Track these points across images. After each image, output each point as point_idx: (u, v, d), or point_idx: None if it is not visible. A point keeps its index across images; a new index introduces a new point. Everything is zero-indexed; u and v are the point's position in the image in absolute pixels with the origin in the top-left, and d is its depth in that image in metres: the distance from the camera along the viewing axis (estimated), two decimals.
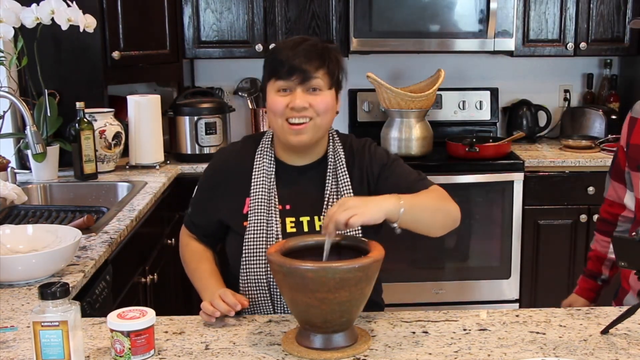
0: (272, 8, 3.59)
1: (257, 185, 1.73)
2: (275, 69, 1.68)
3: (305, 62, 1.66)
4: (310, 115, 1.67)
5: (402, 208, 1.53)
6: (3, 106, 2.89)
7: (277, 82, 1.68)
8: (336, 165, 1.75)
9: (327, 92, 1.70)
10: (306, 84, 1.67)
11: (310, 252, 1.51)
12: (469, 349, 1.45)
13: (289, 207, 1.74)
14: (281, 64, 1.67)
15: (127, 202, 2.64)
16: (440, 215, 1.68)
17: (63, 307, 1.31)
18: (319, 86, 1.68)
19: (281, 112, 1.68)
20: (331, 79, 1.70)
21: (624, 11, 3.67)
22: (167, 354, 1.43)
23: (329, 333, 1.43)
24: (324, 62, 1.68)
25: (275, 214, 1.71)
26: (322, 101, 1.68)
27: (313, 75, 1.66)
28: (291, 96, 1.67)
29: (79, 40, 3.09)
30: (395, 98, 3.48)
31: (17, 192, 2.58)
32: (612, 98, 3.95)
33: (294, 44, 1.69)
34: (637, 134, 1.92)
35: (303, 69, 1.65)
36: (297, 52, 1.66)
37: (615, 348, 1.45)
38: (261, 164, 1.76)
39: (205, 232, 1.85)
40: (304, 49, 1.67)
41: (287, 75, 1.66)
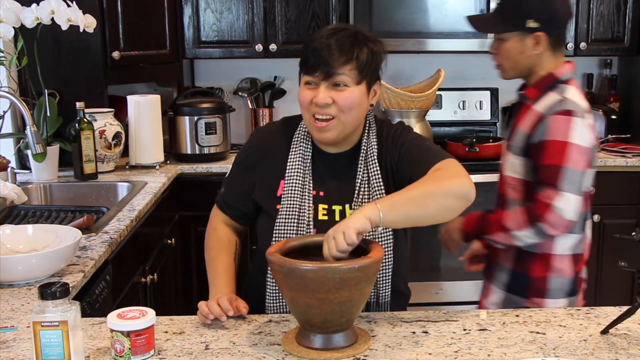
0: (272, 8, 3.59)
1: (293, 169, 1.72)
2: (304, 60, 1.66)
3: (332, 56, 1.61)
4: (333, 113, 1.64)
5: (381, 211, 1.48)
6: (3, 106, 2.89)
7: (305, 75, 1.66)
8: (367, 155, 1.73)
9: (354, 88, 1.64)
10: (330, 80, 1.63)
11: (310, 252, 1.51)
12: (469, 349, 1.45)
13: (322, 194, 1.73)
14: (309, 56, 1.64)
15: (127, 202, 2.64)
16: (432, 201, 1.55)
17: (63, 307, 1.31)
18: (344, 82, 1.63)
19: (306, 106, 1.66)
20: (360, 73, 1.64)
21: (624, 11, 3.67)
22: (167, 354, 1.43)
23: (329, 333, 1.43)
24: (351, 57, 1.62)
25: (308, 199, 1.71)
26: (346, 97, 1.63)
27: (337, 72, 1.62)
28: (316, 91, 1.64)
29: (79, 40, 3.09)
30: (395, 98, 3.48)
31: (17, 192, 2.57)
32: (612, 98, 3.95)
33: (328, 33, 1.64)
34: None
35: (328, 64, 1.61)
36: (326, 45, 1.62)
37: (615, 348, 1.45)
38: (298, 147, 1.74)
39: (239, 213, 1.84)
40: (336, 40, 1.62)
41: (312, 69, 1.63)
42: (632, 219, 3.48)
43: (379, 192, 1.70)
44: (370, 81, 1.68)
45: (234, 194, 1.84)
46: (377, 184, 1.71)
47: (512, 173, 2.04)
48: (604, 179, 3.51)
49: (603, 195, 3.51)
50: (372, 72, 1.68)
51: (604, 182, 3.51)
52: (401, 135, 1.75)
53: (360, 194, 1.71)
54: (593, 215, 3.51)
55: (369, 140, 1.74)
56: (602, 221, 3.53)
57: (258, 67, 3.87)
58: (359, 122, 1.72)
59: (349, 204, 1.72)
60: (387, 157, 1.73)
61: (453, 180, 1.59)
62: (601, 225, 3.53)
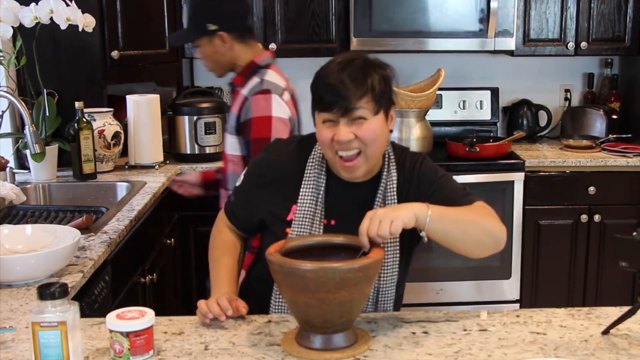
0: (272, 8, 3.59)
1: (306, 195, 1.69)
2: (319, 98, 1.62)
3: (348, 91, 1.57)
4: (357, 147, 1.61)
5: (429, 216, 1.50)
6: (2, 106, 2.88)
7: (322, 113, 1.62)
8: (387, 187, 1.69)
9: (373, 119, 1.61)
10: (349, 116, 1.59)
11: (310, 252, 1.50)
12: (470, 350, 1.44)
13: (334, 223, 1.70)
14: (323, 94, 1.60)
15: (126, 202, 2.63)
16: (474, 230, 1.59)
17: (62, 308, 1.30)
18: (364, 115, 1.59)
19: (328, 144, 1.62)
20: (377, 103, 1.61)
21: (624, 11, 3.67)
22: (167, 354, 1.43)
23: (328, 333, 1.43)
24: (367, 89, 1.59)
25: (319, 229, 1.68)
26: (368, 130, 1.60)
27: (355, 106, 1.58)
28: (336, 128, 1.60)
29: (78, 40, 3.08)
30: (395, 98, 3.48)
31: (15, 192, 2.57)
32: (612, 98, 3.94)
33: (338, 68, 1.60)
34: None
35: (345, 99, 1.57)
36: (339, 81, 1.58)
37: (616, 348, 1.44)
38: (312, 173, 1.70)
39: (244, 226, 1.83)
40: (348, 75, 1.59)
41: (329, 107, 1.59)
42: (632, 219, 3.47)
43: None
44: (387, 108, 1.66)
45: (243, 207, 1.81)
46: None
47: (232, 151, 2.35)
48: (605, 179, 3.51)
49: (603, 195, 3.51)
50: (387, 98, 1.66)
51: (604, 182, 3.51)
52: (429, 169, 1.74)
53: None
54: (594, 216, 3.51)
55: (389, 172, 1.70)
56: (602, 221, 3.53)
57: None
58: (383, 150, 1.69)
59: None
60: (410, 189, 1.71)
61: (496, 222, 1.64)
62: (601, 225, 3.53)
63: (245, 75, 2.35)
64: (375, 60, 1.67)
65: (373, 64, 1.64)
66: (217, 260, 1.79)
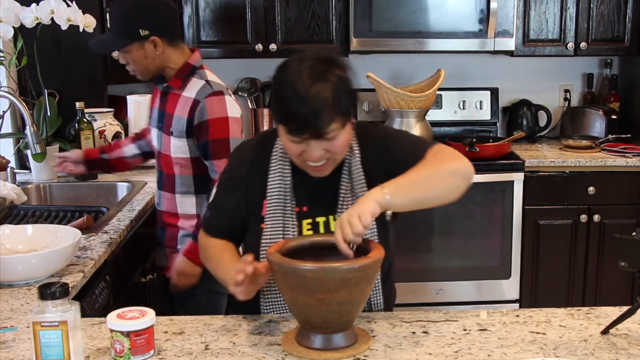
0: (272, 8, 3.59)
1: (274, 189, 1.69)
2: (285, 120, 1.56)
3: (317, 116, 1.51)
4: (328, 157, 1.60)
5: (388, 194, 1.48)
6: (3, 106, 2.89)
7: (289, 135, 1.57)
8: (351, 163, 1.69)
9: (343, 132, 1.58)
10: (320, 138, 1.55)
11: (310, 252, 1.50)
12: (469, 349, 1.45)
13: (306, 209, 1.70)
14: (290, 118, 1.54)
15: (127, 202, 2.64)
16: (438, 181, 1.57)
17: (63, 307, 1.31)
18: (334, 134, 1.55)
19: (297, 157, 1.61)
20: (344, 117, 1.56)
21: (624, 11, 3.67)
22: (167, 354, 1.43)
23: (329, 333, 1.43)
24: (336, 110, 1.53)
25: (292, 217, 1.68)
26: (339, 144, 1.59)
27: (326, 130, 1.53)
28: (305, 145, 1.57)
29: (79, 40, 3.08)
30: (395, 98, 3.48)
31: (16, 192, 2.57)
32: (612, 98, 3.94)
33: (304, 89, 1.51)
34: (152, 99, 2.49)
35: (315, 125, 1.52)
36: (306, 105, 1.51)
37: (616, 348, 1.45)
38: (277, 166, 1.71)
39: (228, 235, 1.78)
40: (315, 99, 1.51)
41: (298, 132, 1.54)
42: (632, 219, 3.48)
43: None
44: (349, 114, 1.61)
45: (219, 215, 1.78)
46: (361, 190, 1.67)
47: (180, 154, 2.34)
48: (604, 179, 3.51)
49: (603, 195, 3.51)
50: (350, 106, 1.60)
51: (604, 182, 3.51)
52: (384, 133, 1.74)
53: (344, 205, 1.68)
54: (593, 216, 3.51)
55: (352, 150, 1.70)
56: (601, 221, 3.53)
57: (258, 67, 3.86)
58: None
59: (332, 215, 1.69)
60: (370, 159, 1.70)
61: (454, 161, 1.61)
62: (601, 225, 3.53)
63: (183, 77, 2.34)
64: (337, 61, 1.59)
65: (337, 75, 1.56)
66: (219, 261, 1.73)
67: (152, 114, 2.46)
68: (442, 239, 3.57)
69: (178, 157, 2.34)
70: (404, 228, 3.51)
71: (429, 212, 3.51)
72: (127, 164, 2.72)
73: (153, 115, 2.46)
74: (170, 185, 2.39)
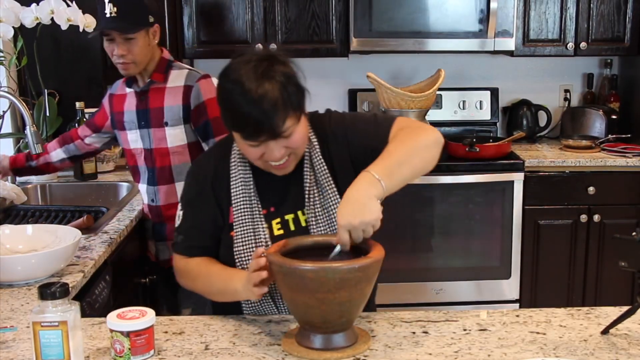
0: (272, 8, 3.59)
1: (238, 194, 1.67)
2: (239, 127, 1.54)
3: (270, 117, 1.49)
4: (289, 153, 1.59)
5: (382, 182, 1.48)
6: (3, 106, 2.89)
7: (245, 140, 1.55)
8: (311, 156, 1.68)
9: (299, 126, 1.57)
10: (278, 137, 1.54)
11: (310, 252, 1.50)
12: (469, 349, 1.45)
13: (273, 209, 1.69)
14: (244, 123, 1.52)
15: (127, 202, 2.64)
16: (419, 156, 1.59)
17: (63, 307, 1.31)
18: (291, 131, 1.54)
19: (257, 160, 1.60)
20: (298, 110, 1.55)
21: (624, 11, 3.67)
22: (167, 354, 1.43)
23: (328, 333, 1.43)
24: (287, 107, 1.52)
25: (260, 220, 1.67)
26: (297, 139, 1.57)
27: (282, 129, 1.52)
28: (264, 147, 1.55)
29: (79, 40, 3.09)
30: (395, 98, 3.48)
31: (16, 192, 2.58)
32: (612, 98, 3.95)
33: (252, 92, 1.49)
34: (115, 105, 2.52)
35: (270, 126, 1.50)
36: (257, 107, 1.49)
37: (616, 348, 1.45)
38: (237, 171, 1.68)
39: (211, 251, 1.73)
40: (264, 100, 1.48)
41: (255, 136, 1.52)
42: (632, 219, 3.48)
43: (330, 191, 1.66)
44: (303, 108, 1.60)
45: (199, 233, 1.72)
46: (328, 182, 1.67)
47: (178, 142, 2.40)
48: (604, 179, 3.51)
49: (603, 195, 3.51)
50: (301, 100, 1.58)
51: (604, 182, 3.51)
52: (337, 121, 1.72)
53: (311, 198, 1.67)
54: (593, 216, 3.51)
55: (310, 144, 1.68)
56: (601, 221, 3.53)
57: None
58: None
59: (300, 210, 1.68)
60: (330, 148, 1.69)
61: (424, 132, 1.64)
62: (601, 225, 3.53)
63: (163, 71, 2.40)
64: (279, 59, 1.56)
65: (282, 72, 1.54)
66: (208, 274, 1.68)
67: (125, 117, 2.47)
68: (442, 239, 3.57)
69: (175, 146, 2.40)
70: (404, 228, 3.51)
71: (429, 212, 3.51)
72: (55, 168, 2.75)
73: (126, 118, 2.46)
74: (167, 177, 2.44)
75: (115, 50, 2.30)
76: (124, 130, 2.49)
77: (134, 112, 2.44)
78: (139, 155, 2.48)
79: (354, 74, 3.89)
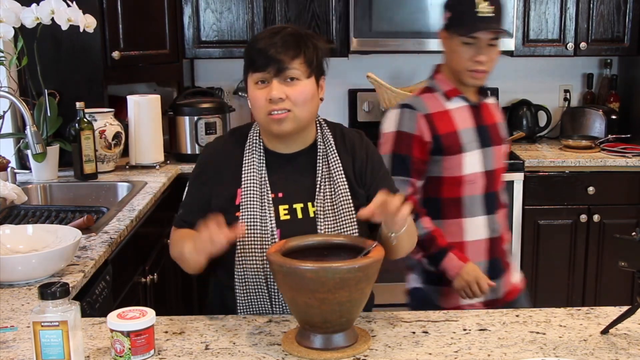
0: (272, 8, 3.59)
1: (248, 175, 1.72)
2: (252, 60, 1.67)
3: (281, 52, 1.63)
4: (288, 107, 1.65)
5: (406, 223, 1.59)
6: (3, 106, 2.89)
7: (255, 74, 1.67)
8: (327, 150, 1.75)
9: (306, 82, 1.66)
10: (282, 75, 1.64)
11: (310, 252, 1.51)
12: (469, 349, 1.45)
13: (281, 195, 1.72)
14: (257, 55, 1.66)
15: (127, 202, 2.64)
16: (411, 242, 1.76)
17: (63, 307, 1.31)
18: (296, 76, 1.65)
19: (261, 104, 1.66)
20: (309, 67, 1.67)
21: (624, 11, 3.67)
22: (167, 354, 1.43)
23: (329, 333, 1.43)
24: (300, 51, 1.65)
25: (268, 202, 1.70)
26: (300, 92, 1.65)
27: (288, 66, 1.64)
28: (269, 88, 1.65)
29: (79, 40, 3.09)
30: (395, 98, 3.48)
31: (17, 192, 2.57)
32: (612, 98, 3.95)
33: (270, 33, 1.68)
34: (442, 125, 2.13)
35: (278, 59, 1.63)
36: (272, 42, 1.64)
37: (616, 348, 1.45)
38: (251, 154, 1.74)
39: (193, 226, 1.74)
40: (281, 38, 1.65)
41: (263, 66, 1.64)
42: (632, 219, 3.48)
43: (342, 186, 1.71)
44: (317, 75, 1.71)
45: (191, 211, 1.79)
46: (340, 177, 1.72)
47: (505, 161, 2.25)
48: (604, 179, 3.52)
49: (602, 195, 3.51)
50: (318, 66, 1.71)
51: (604, 182, 3.51)
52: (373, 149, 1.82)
53: (321, 190, 1.71)
54: (593, 215, 3.52)
55: (324, 137, 1.77)
56: (601, 221, 3.53)
57: None
58: (313, 116, 1.73)
59: (310, 202, 1.71)
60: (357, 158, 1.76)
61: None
62: (601, 225, 3.54)
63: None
64: (307, 31, 1.74)
65: (306, 34, 1.71)
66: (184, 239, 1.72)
67: (462, 136, 2.12)
68: None
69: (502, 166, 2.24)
70: None
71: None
72: None
73: (465, 136, 2.12)
74: (502, 199, 2.24)
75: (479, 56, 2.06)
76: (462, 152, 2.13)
77: (473, 129, 2.15)
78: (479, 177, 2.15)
79: (354, 74, 3.89)
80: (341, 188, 1.71)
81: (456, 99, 2.15)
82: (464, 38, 2.07)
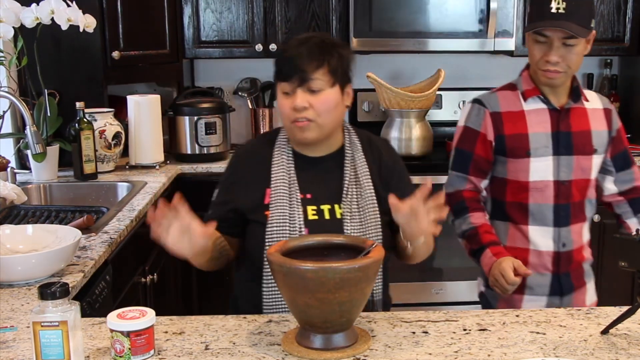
0: (272, 8, 3.59)
1: (278, 176, 1.76)
2: (279, 70, 1.73)
3: (305, 63, 1.69)
4: (311, 117, 1.70)
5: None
6: (3, 106, 2.89)
7: (282, 83, 1.73)
8: (354, 155, 1.80)
9: (329, 91, 1.71)
10: (305, 85, 1.70)
11: (310, 252, 1.51)
12: (469, 349, 1.45)
13: (309, 196, 1.77)
14: (283, 64, 1.72)
15: (127, 202, 2.64)
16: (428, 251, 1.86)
17: (63, 307, 1.31)
18: (319, 87, 1.70)
19: (287, 114, 1.72)
20: (333, 75, 1.71)
21: (624, 11, 3.67)
22: (167, 354, 1.43)
23: (329, 333, 1.43)
24: (323, 61, 1.70)
25: (297, 202, 1.74)
26: (323, 102, 1.70)
27: (311, 77, 1.69)
28: (293, 98, 1.71)
29: (79, 40, 3.09)
30: (395, 98, 3.49)
31: (17, 192, 2.57)
32: (612, 98, 3.94)
33: (298, 43, 1.73)
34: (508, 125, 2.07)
35: (302, 69, 1.68)
36: (299, 52, 1.70)
37: (616, 348, 1.45)
38: (280, 156, 1.79)
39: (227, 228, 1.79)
40: (307, 48, 1.70)
41: (288, 77, 1.70)
42: None
43: (368, 190, 1.76)
44: (342, 83, 1.75)
45: (222, 211, 1.81)
46: (367, 181, 1.77)
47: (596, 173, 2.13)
48: None
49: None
50: (344, 74, 1.75)
51: None
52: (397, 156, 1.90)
53: (349, 193, 1.76)
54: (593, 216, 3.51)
55: (352, 142, 1.82)
56: (602, 221, 3.52)
57: (258, 67, 3.86)
58: (338, 123, 1.78)
59: (337, 204, 1.76)
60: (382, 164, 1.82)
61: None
62: (601, 225, 3.53)
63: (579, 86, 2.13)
64: (334, 39, 1.79)
65: (332, 42, 1.75)
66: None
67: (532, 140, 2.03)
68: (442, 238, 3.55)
69: (594, 177, 2.12)
70: None
71: None
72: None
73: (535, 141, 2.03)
74: (581, 214, 2.15)
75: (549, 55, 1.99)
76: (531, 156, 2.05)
77: (548, 134, 2.05)
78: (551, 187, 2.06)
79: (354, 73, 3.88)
80: (367, 192, 1.76)
81: (534, 99, 2.07)
82: (534, 35, 2.00)
